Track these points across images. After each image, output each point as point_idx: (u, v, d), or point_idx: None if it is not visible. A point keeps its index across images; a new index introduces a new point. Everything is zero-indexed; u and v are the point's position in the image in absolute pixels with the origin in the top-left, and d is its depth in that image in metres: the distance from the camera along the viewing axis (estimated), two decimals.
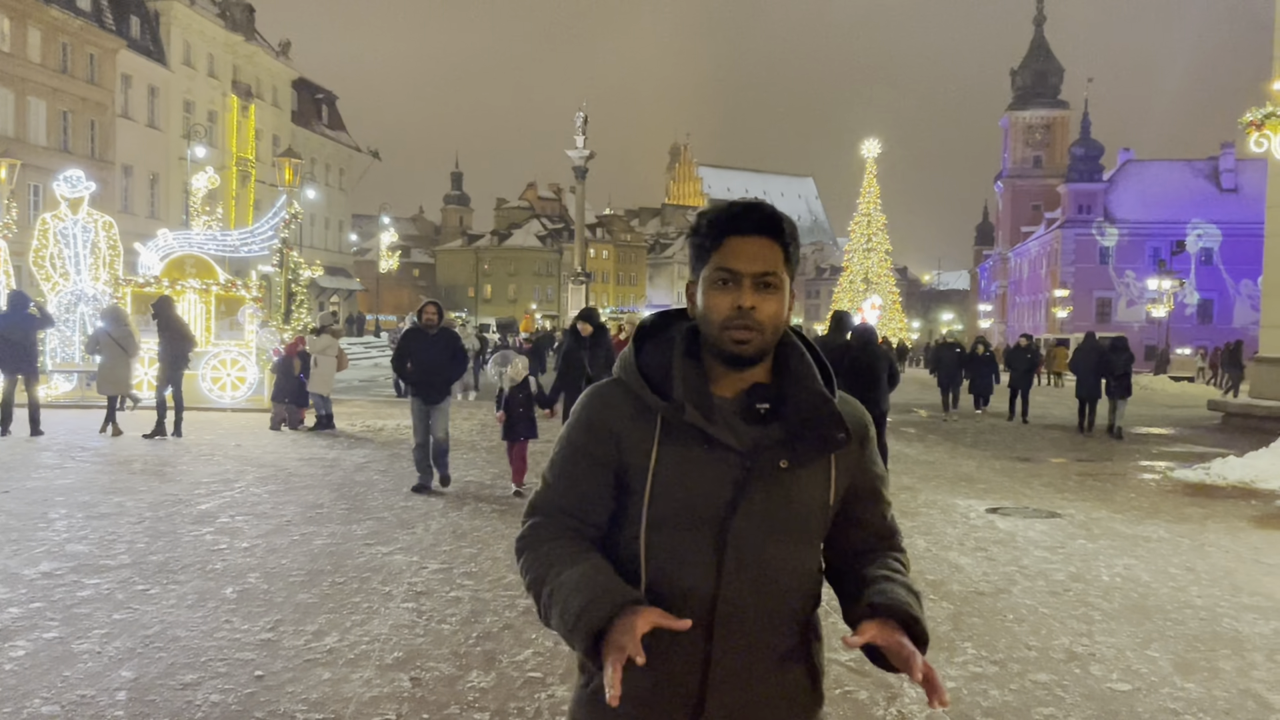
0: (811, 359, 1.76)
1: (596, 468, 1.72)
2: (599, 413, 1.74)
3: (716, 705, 1.67)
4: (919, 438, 16.65)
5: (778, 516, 1.67)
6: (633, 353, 1.77)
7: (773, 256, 1.69)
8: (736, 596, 1.65)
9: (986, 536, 8.53)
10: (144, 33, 45.22)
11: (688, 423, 1.65)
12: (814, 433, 1.69)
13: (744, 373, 1.72)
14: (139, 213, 42.99)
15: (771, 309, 1.68)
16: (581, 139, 40.44)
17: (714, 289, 1.69)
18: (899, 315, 63.84)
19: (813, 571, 1.77)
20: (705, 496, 1.65)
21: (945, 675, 5.00)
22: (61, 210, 19.33)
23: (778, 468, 1.67)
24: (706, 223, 1.73)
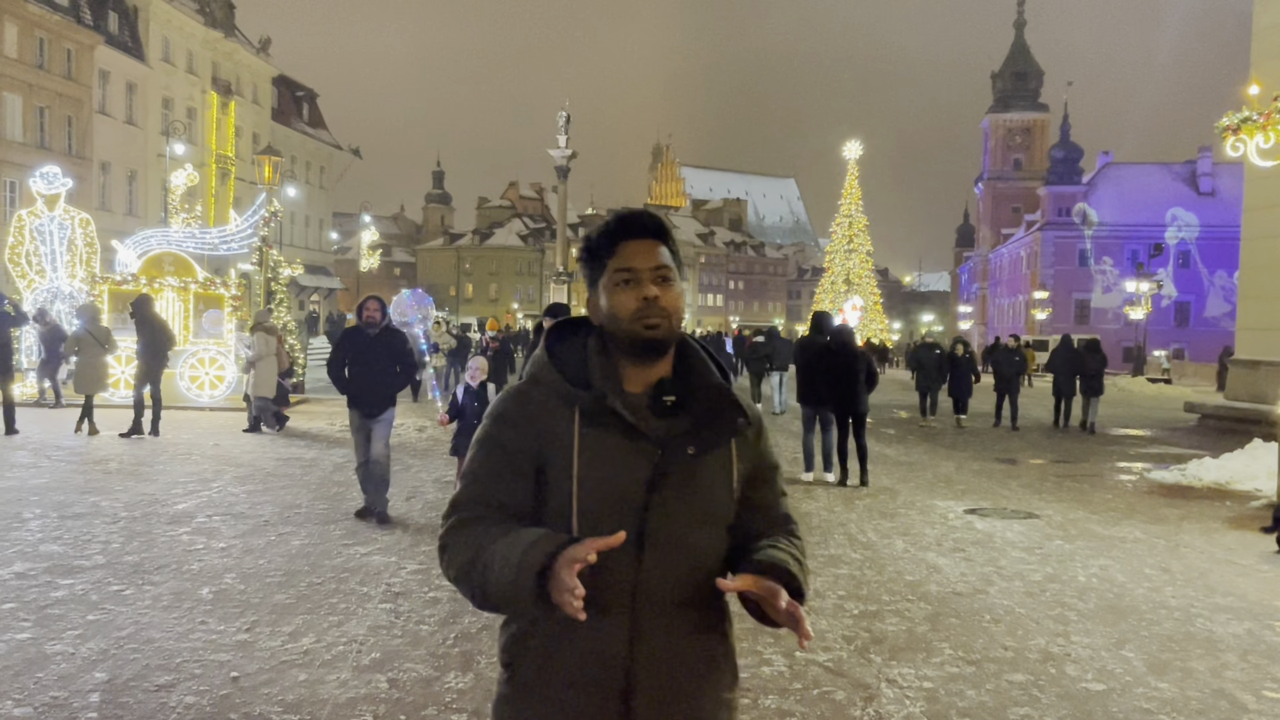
0: (706, 356, 1.89)
1: (517, 462, 1.79)
2: (518, 410, 1.82)
3: (644, 684, 1.74)
4: (898, 439, 16.72)
5: (690, 502, 1.78)
6: (546, 353, 1.86)
7: (663, 255, 1.84)
8: (657, 580, 1.74)
9: (964, 537, 8.58)
10: (122, 28, 44.81)
11: (608, 411, 1.76)
12: (717, 420, 1.82)
13: (650, 369, 1.83)
14: (117, 210, 42.59)
15: (671, 299, 1.82)
16: (564, 138, 40.38)
17: (618, 289, 1.81)
18: (880, 316, 63.93)
19: (723, 553, 1.85)
20: (626, 484, 1.75)
21: (923, 676, 5.03)
22: (38, 207, 19.14)
23: (687, 455, 1.78)
24: (600, 232, 1.87)
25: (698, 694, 1.80)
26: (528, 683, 1.79)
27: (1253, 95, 14.81)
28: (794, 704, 4.60)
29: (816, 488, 11.05)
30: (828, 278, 63.82)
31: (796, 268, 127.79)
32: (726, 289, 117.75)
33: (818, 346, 11.58)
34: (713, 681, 1.83)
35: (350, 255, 76.37)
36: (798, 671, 5.04)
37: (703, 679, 1.81)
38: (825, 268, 65.62)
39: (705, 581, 1.77)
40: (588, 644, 1.73)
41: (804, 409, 11.66)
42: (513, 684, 1.82)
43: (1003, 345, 20.51)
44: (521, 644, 1.81)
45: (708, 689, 1.82)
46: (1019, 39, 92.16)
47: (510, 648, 1.83)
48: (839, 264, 62.82)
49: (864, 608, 6.25)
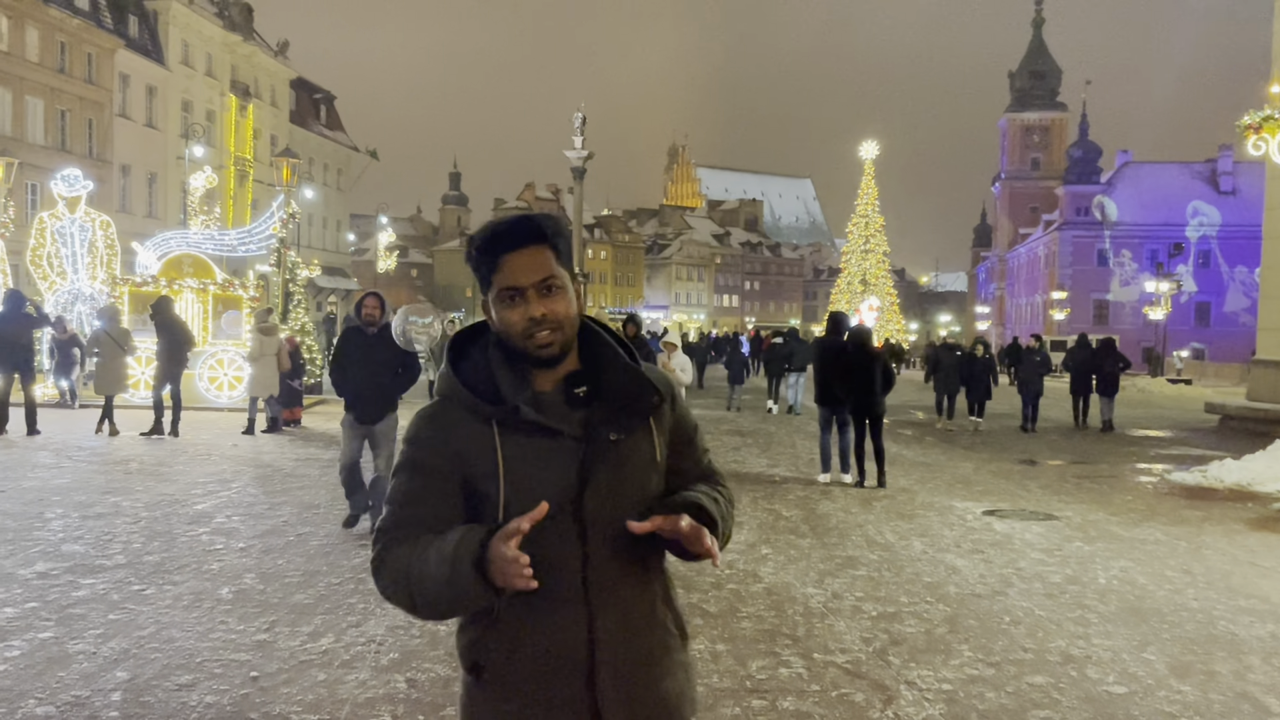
0: (610, 339, 1.91)
1: (440, 482, 1.81)
2: (434, 432, 1.84)
3: (606, 664, 1.80)
4: (916, 439, 16.65)
5: (622, 485, 1.82)
6: (451, 370, 1.87)
7: (546, 261, 1.81)
8: (604, 565, 1.80)
9: (983, 539, 8.53)
10: (142, 32, 45.17)
11: (525, 420, 1.78)
12: (633, 402, 1.85)
13: (557, 368, 1.85)
14: (137, 212, 42.93)
15: (561, 308, 1.81)
16: (579, 139, 40.41)
17: (504, 307, 1.81)
18: (897, 317, 63.72)
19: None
20: (556, 484, 1.77)
21: (942, 678, 5.00)
22: (59, 209, 19.31)
23: (610, 442, 1.81)
24: (477, 248, 1.84)
25: (656, 663, 1.87)
26: (494, 681, 1.82)
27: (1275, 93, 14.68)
28: (812, 705, 4.58)
29: (834, 489, 11.02)
30: (844, 278, 63.65)
31: (813, 268, 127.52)
32: (743, 290, 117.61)
33: (834, 346, 11.55)
34: (668, 648, 1.90)
35: (367, 256, 76.73)
36: (816, 673, 5.02)
37: (658, 648, 1.88)
38: (841, 268, 65.44)
39: (647, 554, 1.86)
40: (547, 636, 1.79)
41: (821, 410, 11.62)
42: (479, 684, 1.85)
43: (1023, 346, 19.80)
44: (482, 645, 1.84)
45: (664, 656, 1.89)
46: (1037, 37, 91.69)
47: (471, 650, 1.86)
48: (855, 264, 62.65)
49: (882, 609, 6.23)
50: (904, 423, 19.42)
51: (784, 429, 17.83)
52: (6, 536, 7.53)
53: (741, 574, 7.01)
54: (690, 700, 1.95)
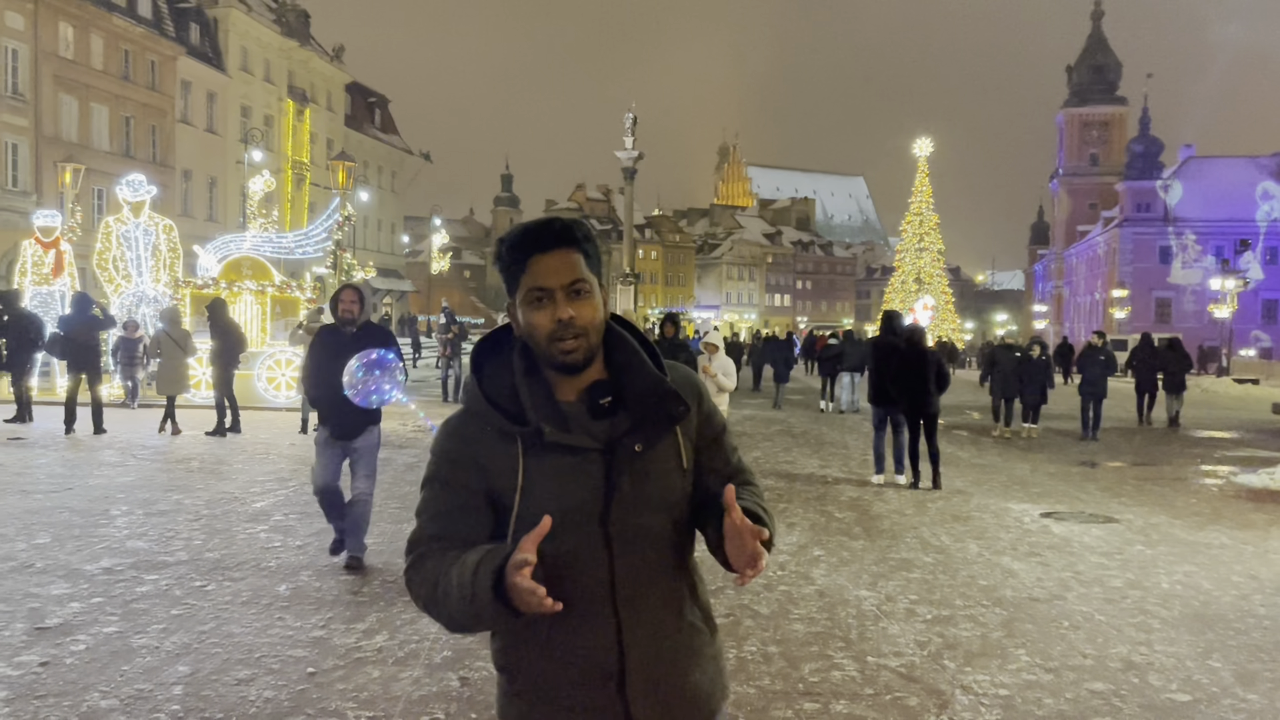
0: (636, 344, 1.88)
1: (466, 496, 1.83)
2: (459, 446, 1.84)
3: (636, 672, 1.81)
4: (971, 440, 16.42)
5: (646, 496, 1.81)
6: (475, 382, 1.86)
7: (576, 264, 1.80)
8: (631, 574, 1.80)
9: (1040, 542, 8.38)
10: (203, 39, 46.18)
11: (548, 442, 1.77)
12: (657, 413, 1.83)
13: (581, 375, 1.83)
14: (198, 216, 43.90)
15: (588, 313, 1.79)
16: (630, 140, 40.47)
17: (531, 309, 1.79)
18: (952, 316, 62.88)
19: (686, 528, 1.91)
20: (580, 498, 1.78)
21: (998, 683, 4.92)
22: (124, 214, 19.80)
23: (634, 453, 1.80)
24: (507, 248, 1.83)
25: (685, 660, 1.88)
26: (528, 687, 1.85)
27: None
28: (865, 709, 4.53)
29: (887, 490, 10.90)
30: (898, 277, 62.98)
31: (865, 267, 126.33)
32: (794, 289, 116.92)
33: (888, 346, 11.43)
34: (697, 644, 1.91)
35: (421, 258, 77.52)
36: (869, 676, 4.97)
37: (687, 646, 1.88)
38: (895, 267, 64.76)
39: (676, 559, 1.87)
40: (577, 645, 1.80)
41: (875, 410, 11.51)
42: (514, 688, 1.87)
43: (1087, 344, 17.80)
44: (515, 651, 1.86)
45: (694, 653, 1.90)
46: (1096, 30, 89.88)
47: (502, 656, 1.88)
48: (909, 263, 61.96)
49: (936, 612, 6.15)
50: (959, 424, 19.15)
51: (836, 429, 17.68)
52: (74, 533, 7.73)
53: (793, 575, 6.97)
54: (721, 688, 1.97)
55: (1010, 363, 17.44)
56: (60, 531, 7.76)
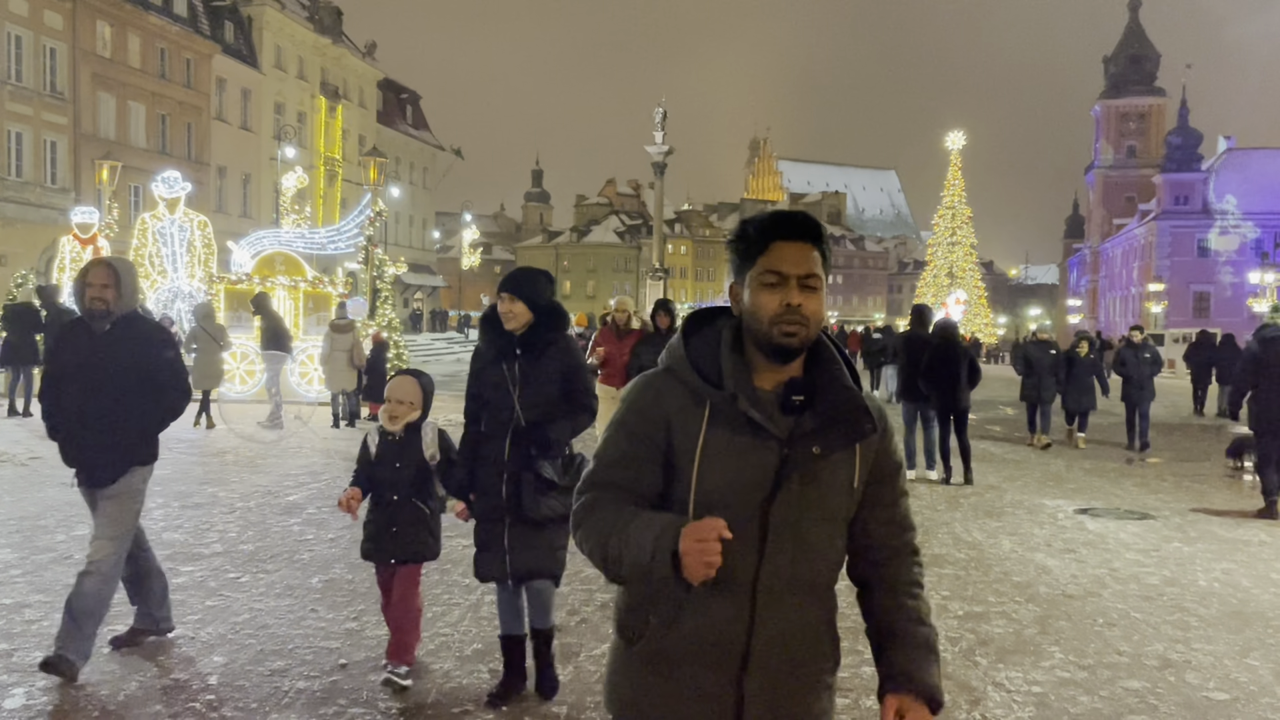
0: (839, 356, 1.93)
1: (647, 448, 1.87)
2: (651, 399, 1.89)
3: (758, 664, 1.85)
4: (1004, 436, 16.26)
5: (812, 499, 1.85)
6: (682, 345, 1.92)
7: (814, 260, 1.86)
8: (776, 570, 1.84)
9: (1075, 538, 8.29)
10: (237, 37, 46.65)
11: (737, 410, 1.81)
12: (844, 423, 1.87)
13: (782, 367, 1.88)
14: (232, 212, 44.39)
15: (814, 306, 1.85)
16: (660, 135, 40.40)
17: (763, 289, 1.84)
18: (985, 310, 62.39)
19: (839, 549, 1.96)
20: (748, 479, 1.81)
21: (1032, 680, 4.87)
22: (160, 210, 20.07)
23: (812, 454, 1.83)
24: (755, 229, 1.89)
25: (805, 676, 1.90)
26: (645, 652, 1.88)
27: None
28: None
29: (919, 486, 10.83)
30: (930, 271, 62.56)
31: (897, 261, 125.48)
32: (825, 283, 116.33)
33: (919, 340, 11.36)
34: (819, 666, 1.93)
35: (452, 253, 77.98)
36: None
37: (810, 663, 1.91)
38: (927, 261, 64.30)
39: (820, 572, 1.90)
40: (708, 623, 1.83)
41: (905, 406, 11.42)
42: (629, 652, 1.91)
43: (1127, 341, 15.48)
44: (641, 614, 1.89)
45: (814, 672, 1.92)
46: (1133, 20, 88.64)
47: (629, 616, 1.92)
48: (941, 257, 61.50)
49: (969, 609, 6.10)
50: (992, 419, 18.98)
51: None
52: None
53: None
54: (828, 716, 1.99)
55: (1046, 361, 14.96)
56: None
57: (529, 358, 4.17)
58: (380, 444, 4.58)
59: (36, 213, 33.94)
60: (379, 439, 4.59)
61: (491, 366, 4.24)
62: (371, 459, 4.59)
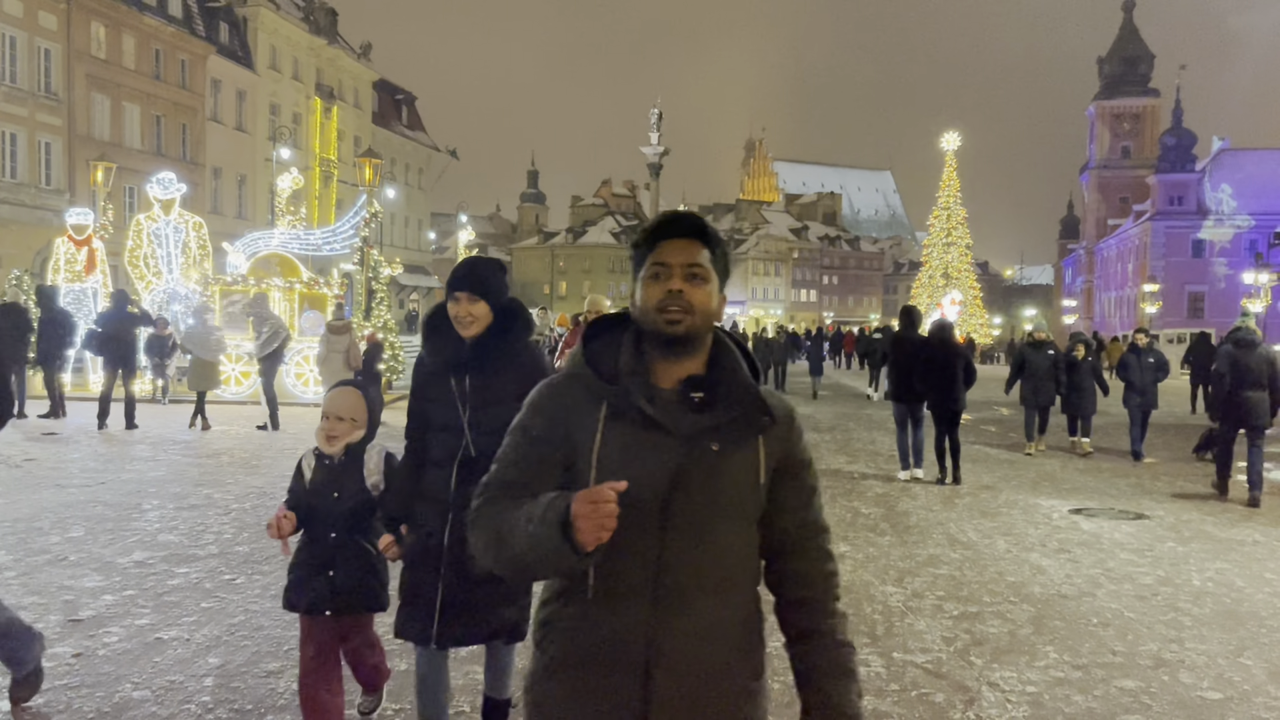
0: (739, 355, 1.93)
1: (544, 452, 1.87)
2: (550, 401, 1.91)
3: (663, 667, 1.80)
4: (999, 436, 16.29)
5: (713, 496, 1.82)
6: (581, 348, 1.94)
7: (698, 252, 1.88)
8: (678, 570, 1.80)
9: (1070, 538, 8.31)
10: (232, 38, 46.59)
11: (632, 407, 1.81)
12: (742, 418, 1.86)
13: (681, 364, 1.88)
14: (227, 213, 44.31)
15: (700, 296, 1.85)
16: (656, 136, 40.45)
17: (649, 282, 1.86)
18: (980, 311, 62.38)
19: (749, 550, 1.92)
20: (646, 478, 1.78)
21: (1026, 680, 4.89)
22: (155, 211, 20.04)
23: (711, 451, 1.82)
24: (643, 231, 1.92)
25: (717, 680, 1.85)
26: (554, 661, 1.88)
27: None
28: (891, 705, 4.52)
29: (914, 486, 10.85)
30: (925, 272, 62.57)
31: (893, 262, 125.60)
32: (820, 284, 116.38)
33: (914, 342, 11.39)
34: (733, 669, 1.87)
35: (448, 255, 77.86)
36: (895, 673, 4.95)
37: (722, 666, 1.85)
38: (923, 262, 64.35)
39: (729, 572, 1.86)
40: (609, 626, 1.82)
41: (896, 406, 11.43)
42: (544, 661, 1.90)
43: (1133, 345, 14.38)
44: (551, 623, 1.89)
45: (727, 676, 1.86)
46: (1128, 21, 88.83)
47: (541, 626, 1.92)
48: (937, 258, 61.54)
49: (964, 609, 6.11)
50: (987, 419, 19.01)
51: (862, 425, 17.61)
52: (106, 526, 7.84)
53: None
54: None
55: (1045, 364, 14.26)
56: (93, 525, 7.87)
57: (484, 370, 3.42)
58: (316, 469, 3.73)
59: (31, 214, 33.86)
60: (315, 463, 3.75)
61: (436, 380, 3.51)
62: (306, 487, 3.72)
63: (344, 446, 3.69)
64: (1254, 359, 10.20)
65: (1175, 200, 71.70)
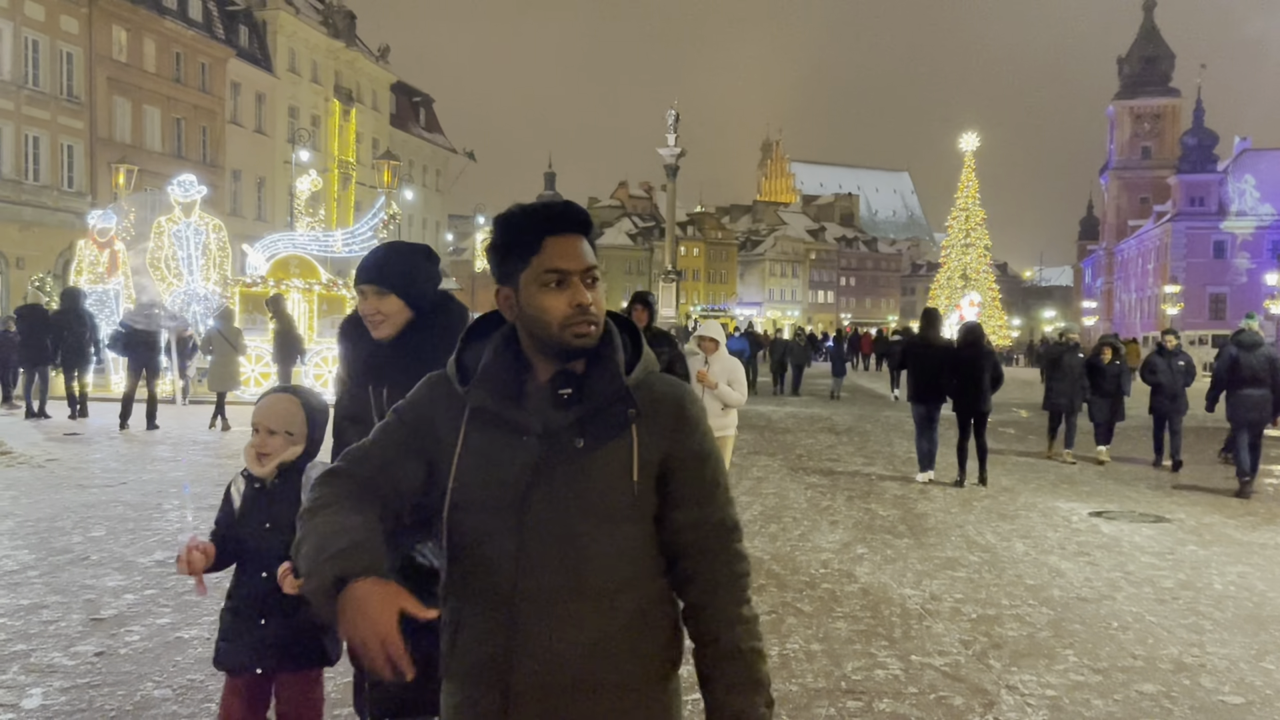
0: (619, 340, 1.79)
1: (409, 439, 1.77)
2: (425, 394, 1.81)
3: (525, 681, 1.69)
4: (1018, 438, 16.21)
5: (578, 496, 1.69)
6: (459, 346, 1.83)
7: (587, 250, 1.74)
8: (540, 575, 1.68)
9: (1089, 541, 8.26)
10: (252, 41, 46.89)
11: (487, 410, 1.72)
12: (606, 411, 1.72)
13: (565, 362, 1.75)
14: (247, 215, 44.60)
15: (600, 300, 1.74)
16: (672, 137, 40.45)
17: (545, 291, 1.70)
18: (999, 313, 62.09)
19: (629, 552, 1.74)
20: (505, 479, 1.69)
21: (1045, 683, 4.86)
22: (175, 214, 20.18)
23: (575, 448, 1.69)
24: (518, 226, 1.73)
25: (591, 692, 1.71)
26: (448, 677, 1.81)
27: None
28: (909, 708, 4.50)
29: (932, 488, 10.81)
30: (943, 273, 62.35)
31: (911, 263, 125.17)
32: (837, 285, 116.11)
33: (940, 345, 11.51)
34: (604, 679, 1.72)
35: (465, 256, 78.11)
36: (913, 675, 4.93)
37: (599, 677, 1.71)
38: (941, 263, 64.09)
39: (604, 576, 1.70)
40: (475, 637, 1.73)
41: (916, 408, 11.39)
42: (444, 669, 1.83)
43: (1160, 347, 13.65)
44: (443, 632, 1.81)
45: (605, 688, 1.72)
46: (1148, 21, 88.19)
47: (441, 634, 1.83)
48: (955, 259, 61.32)
49: (982, 611, 6.08)
50: (1006, 421, 18.92)
51: (880, 427, 17.55)
52: (128, 526, 7.91)
53: (836, 574, 6.93)
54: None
55: (1075, 367, 13.45)
56: (115, 525, 7.94)
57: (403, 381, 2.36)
58: (246, 494, 3.05)
59: (53, 216, 34.18)
60: (244, 487, 3.07)
61: (356, 396, 2.96)
62: (235, 516, 3.05)
63: (276, 466, 3.01)
64: (1256, 359, 10.92)
65: (1196, 201, 71.13)
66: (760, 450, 13.76)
